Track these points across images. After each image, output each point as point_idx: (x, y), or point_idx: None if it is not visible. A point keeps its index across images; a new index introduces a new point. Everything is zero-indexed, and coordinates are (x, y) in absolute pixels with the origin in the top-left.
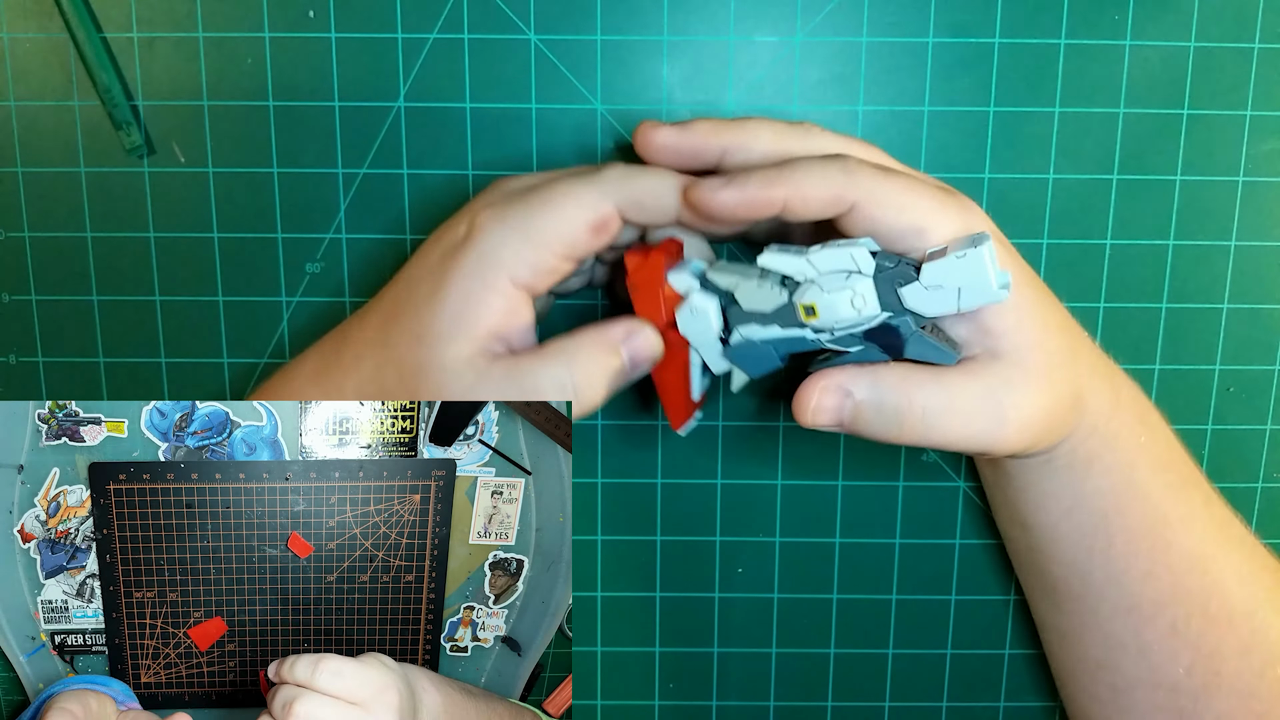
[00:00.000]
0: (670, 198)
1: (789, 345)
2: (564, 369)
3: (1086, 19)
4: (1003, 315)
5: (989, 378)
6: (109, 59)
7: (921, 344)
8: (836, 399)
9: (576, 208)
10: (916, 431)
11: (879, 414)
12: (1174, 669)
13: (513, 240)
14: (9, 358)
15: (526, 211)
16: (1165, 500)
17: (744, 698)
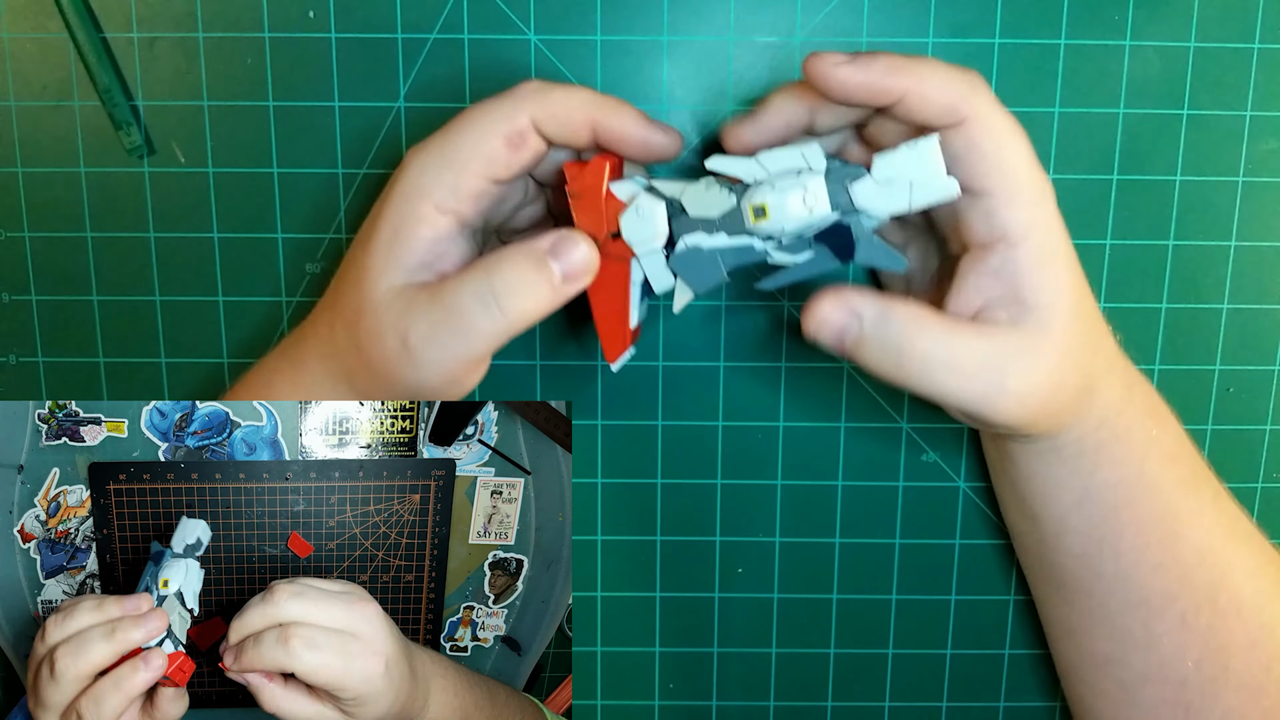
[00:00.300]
0: (584, 109)
1: (736, 256)
2: (485, 281)
3: (1086, 19)
4: (1046, 283)
5: (1001, 342)
6: (109, 59)
7: (872, 246)
8: (844, 318)
9: (489, 123)
10: (912, 375)
11: (881, 347)
12: (1182, 663)
13: (432, 165)
14: (9, 358)
15: (443, 136)
16: (1175, 493)
17: (744, 698)
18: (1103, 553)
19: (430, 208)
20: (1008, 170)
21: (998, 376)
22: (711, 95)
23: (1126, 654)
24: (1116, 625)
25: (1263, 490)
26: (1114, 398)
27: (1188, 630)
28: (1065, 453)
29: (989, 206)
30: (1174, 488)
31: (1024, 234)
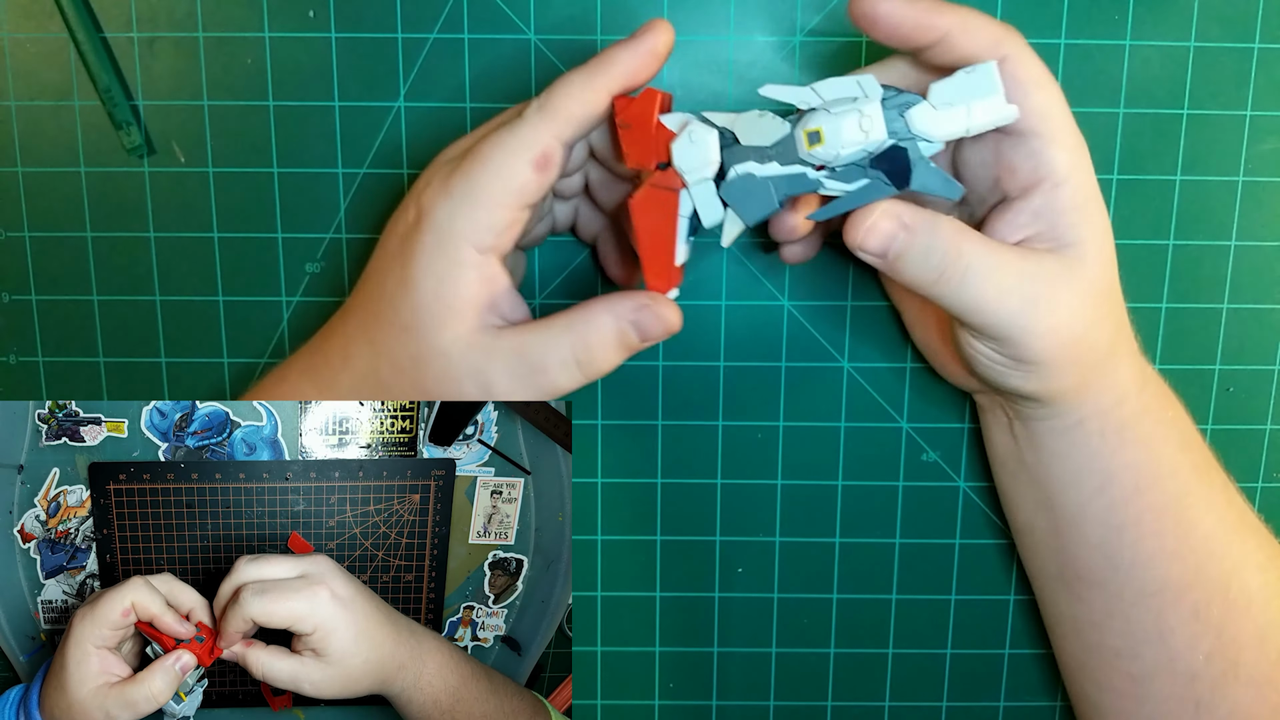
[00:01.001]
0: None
1: (788, 185)
2: (569, 346)
3: (1086, 19)
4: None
5: (1040, 264)
6: (109, 59)
7: (928, 171)
8: (893, 227)
9: (513, 155)
10: (951, 286)
11: (925, 257)
12: (1194, 656)
13: (463, 209)
14: (9, 358)
15: (466, 176)
16: (1190, 479)
17: (744, 698)
18: (1122, 540)
19: (470, 251)
20: (1052, 113)
21: (1034, 296)
22: (711, 95)
23: (1138, 648)
24: (1129, 618)
25: (1263, 490)
26: (1133, 375)
27: (1200, 623)
28: (1090, 428)
29: (1034, 146)
30: (1189, 474)
31: (1067, 175)
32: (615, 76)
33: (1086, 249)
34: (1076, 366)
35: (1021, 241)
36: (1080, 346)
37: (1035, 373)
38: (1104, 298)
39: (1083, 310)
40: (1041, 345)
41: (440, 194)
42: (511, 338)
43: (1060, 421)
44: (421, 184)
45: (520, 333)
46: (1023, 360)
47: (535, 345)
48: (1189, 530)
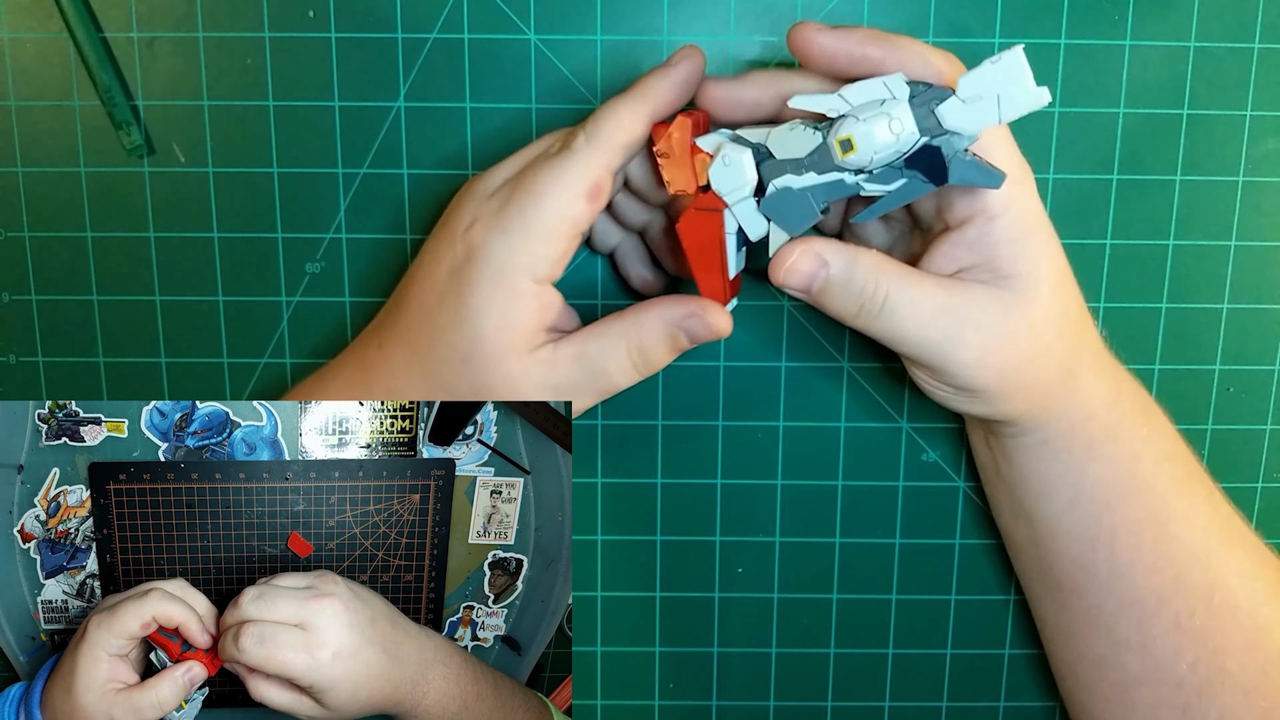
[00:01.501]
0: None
1: (827, 192)
2: (624, 350)
3: (1086, 19)
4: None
5: (964, 294)
6: (109, 59)
7: (965, 165)
8: (813, 265)
9: (567, 187)
10: (871, 318)
11: (845, 291)
12: (1178, 665)
13: (519, 243)
14: (9, 358)
15: (520, 211)
16: (1169, 493)
17: (744, 698)
18: (1096, 554)
19: (528, 282)
20: (990, 144)
21: (956, 326)
22: None
23: (1121, 656)
24: (1111, 627)
25: (1263, 490)
26: (1102, 392)
27: (1182, 632)
28: (1057, 446)
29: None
30: (1167, 488)
31: (1003, 208)
32: (657, 104)
33: (1025, 280)
34: (1023, 392)
35: (958, 273)
36: (1022, 374)
37: (979, 399)
38: (1049, 326)
39: (1019, 339)
40: (971, 375)
41: (494, 229)
42: (571, 346)
43: (1027, 439)
44: (464, 218)
45: (578, 341)
46: (960, 388)
47: (594, 352)
48: (1168, 544)
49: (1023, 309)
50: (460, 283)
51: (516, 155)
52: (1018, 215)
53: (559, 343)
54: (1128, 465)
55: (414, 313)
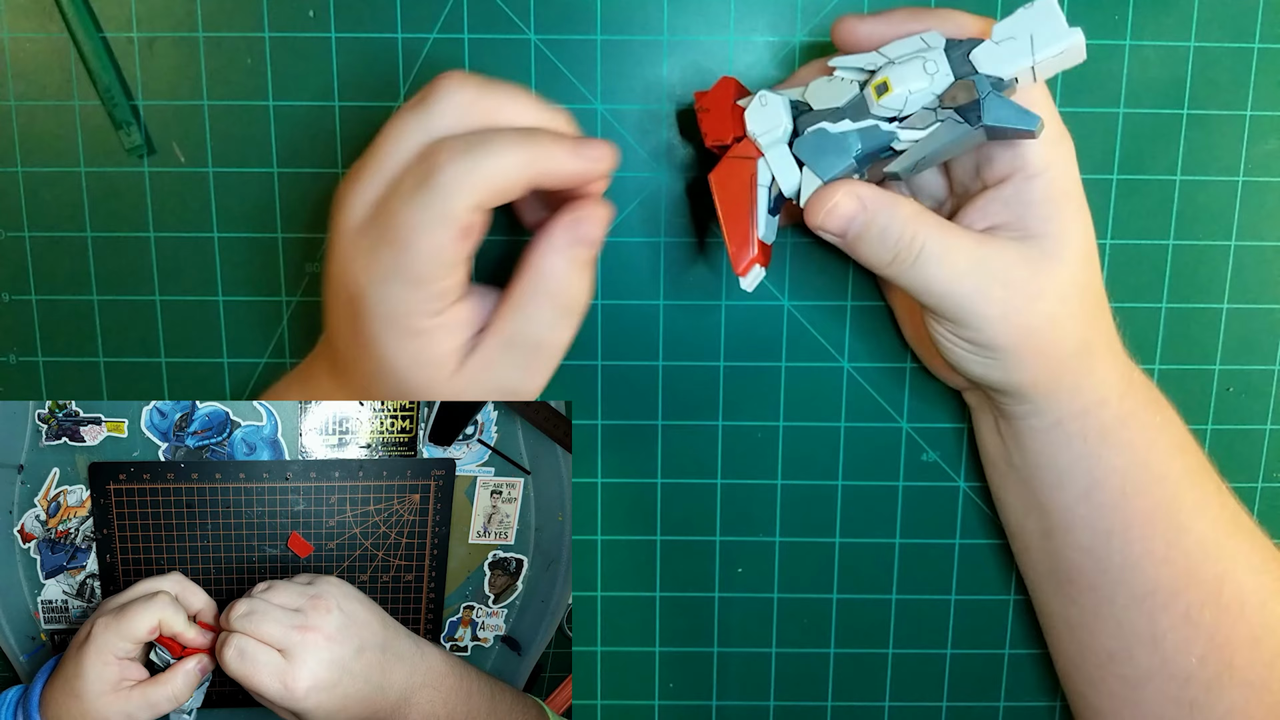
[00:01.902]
0: (519, 180)
1: (862, 138)
2: (547, 307)
3: (1086, 19)
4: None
5: (1003, 252)
6: (109, 59)
7: (1000, 104)
8: (853, 208)
9: (435, 232)
10: (904, 267)
11: (882, 238)
12: (1187, 659)
13: (398, 292)
14: (9, 358)
15: (392, 257)
16: (1181, 484)
17: (744, 698)
18: (1110, 545)
19: (424, 320)
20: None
21: (986, 280)
22: None
23: (1131, 650)
24: (1121, 621)
25: (1263, 490)
26: (1114, 379)
27: (1192, 626)
28: (1070, 430)
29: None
30: (1180, 478)
31: (1042, 168)
32: (548, 175)
33: (1055, 243)
34: (1041, 358)
35: (989, 229)
36: (1042, 338)
37: (997, 360)
38: (1073, 293)
39: (1043, 301)
40: (995, 330)
41: (371, 276)
42: (495, 338)
43: (1039, 420)
44: (342, 250)
45: (499, 328)
46: (981, 345)
47: (520, 329)
48: (1179, 535)
49: (1050, 270)
50: (361, 331)
51: (377, 155)
52: (1055, 177)
53: (483, 343)
54: (1141, 454)
55: (340, 352)
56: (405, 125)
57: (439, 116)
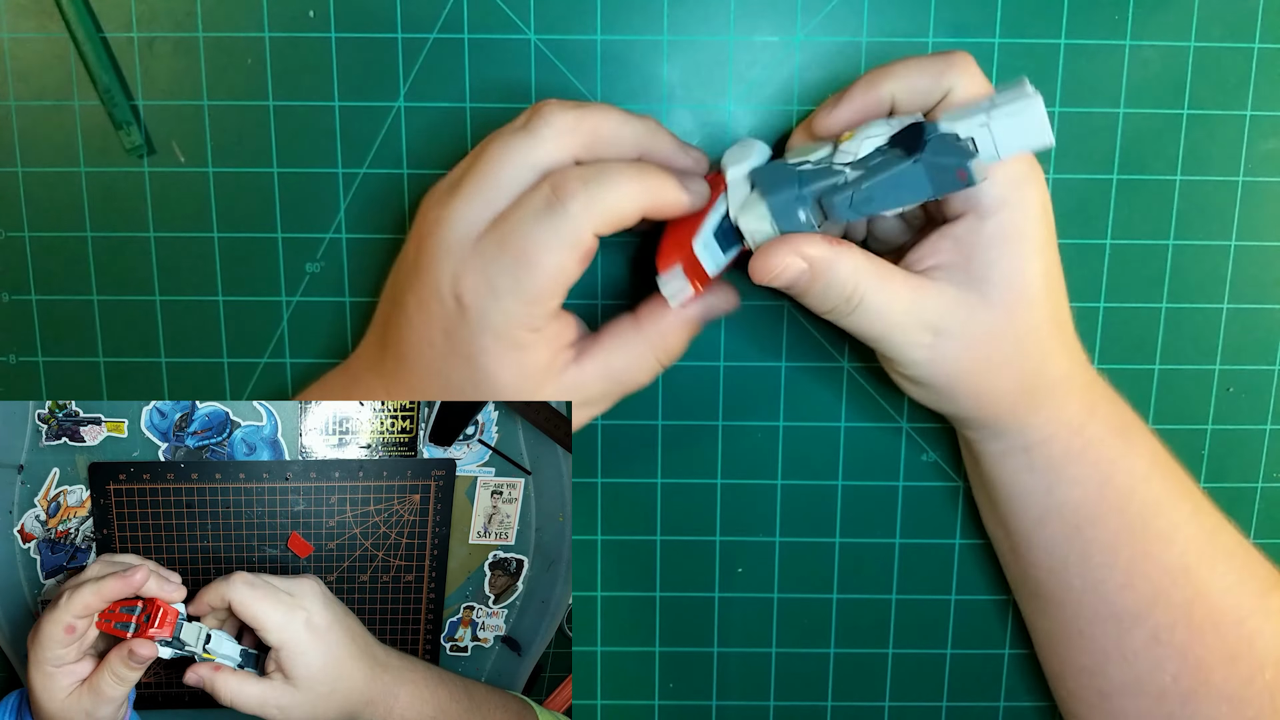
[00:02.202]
0: (634, 202)
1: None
2: (648, 350)
3: (1086, 19)
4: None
5: (936, 298)
6: (109, 59)
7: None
8: (799, 269)
9: (561, 254)
10: (841, 316)
11: (825, 292)
12: (1160, 676)
13: (513, 307)
14: (9, 358)
15: (512, 274)
16: (1144, 515)
17: (744, 698)
18: (1069, 569)
19: (530, 335)
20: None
21: (917, 327)
22: (711, 95)
23: (1103, 666)
24: (1092, 637)
25: (1263, 490)
26: (1068, 415)
27: (1161, 646)
28: (1019, 461)
29: None
30: (1141, 509)
31: (996, 208)
32: (660, 207)
33: (996, 289)
34: (975, 398)
35: (934, 267)
36: (975, 380)
37: (930, 392)
38: (1012, 338)
39: (976, 347)
40: (924, 372)
41: (485, 292)
42: (594, 364)
43: (991, 446)
44: (444, 268)
45: (601, 355)
46: (915, 381)
47: (620, 363)
48: (1143, 562)
49: (986, 318)
50: (463, 346)
51: (487, 179)
52: (1009, 220)
53: (580, 361)
54: (1095, 489)
55: (420, 371)
56: (512, 150)
57: (546, 143)
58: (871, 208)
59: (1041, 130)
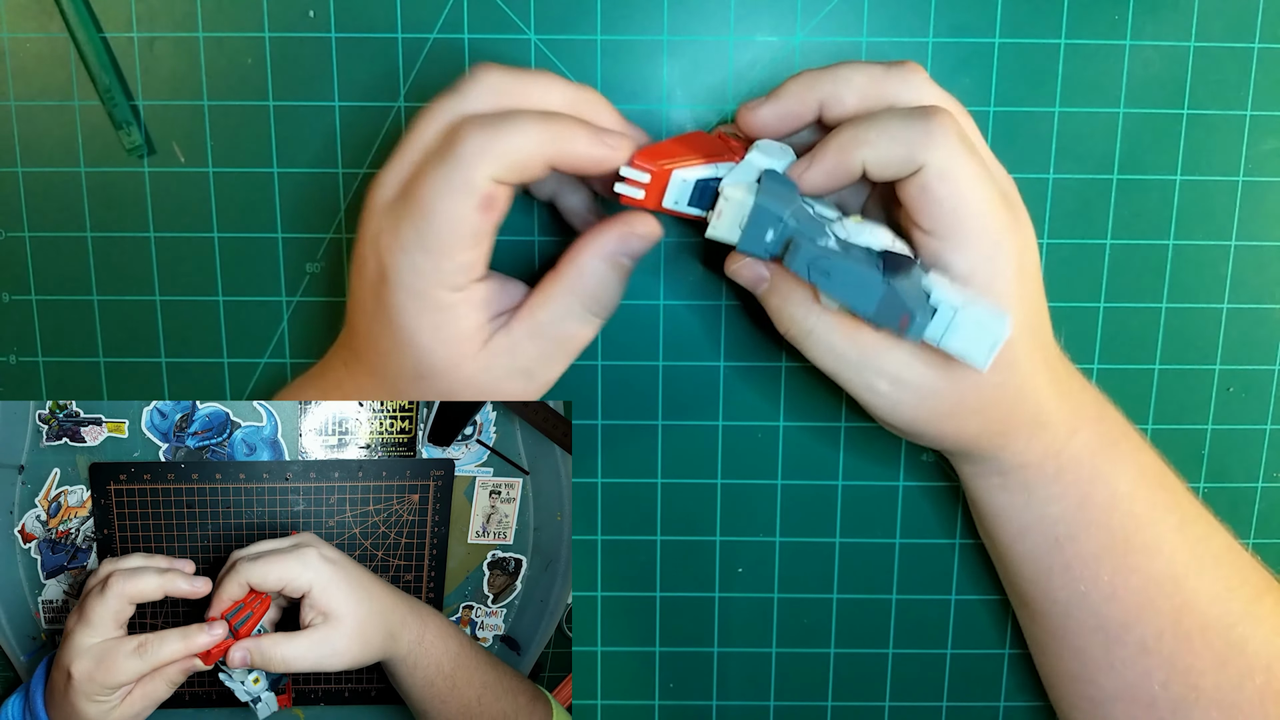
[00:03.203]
0: (536, 148)
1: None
2: (578, 303)
3: (1086, 19)
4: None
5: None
6: (109, 59)
7: (915, 289)
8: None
9: (455, 201)
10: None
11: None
12: (1149, 684)
13: (421, 261)
14: (9, 358)
15: (413, 226)
16: (1126, 529)
17: (744, 698)
18: (1051, 581)
19: (446, 294)
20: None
21: (873, 375)
22: (711, 95)
23: (1093, 675)
24: (1079, 648)
25: (1263, 490)
26: (1042, 445)
27: (1149, 655)
28: (993, 483)
29: (934, 248)
30: (1123, 523)
31: (965, 278)
32: (563, 152)
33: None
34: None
35: None
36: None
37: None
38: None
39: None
40: (883, 417)
41: (395, 248)
42: (523, 325)
43: (964, 468)
44: (369, 228)
45: (528, 315)
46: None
47: (548, 320)
48: (1128, 575)
49: (949, 378)
50: (384, 306)
51: (412, 136)
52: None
53: (509, 325)
54: (1073, 506)
55: (360, 334)
56: (436, 110)
57: (470, 101)
58: (822, 282)
59: (984, 351)
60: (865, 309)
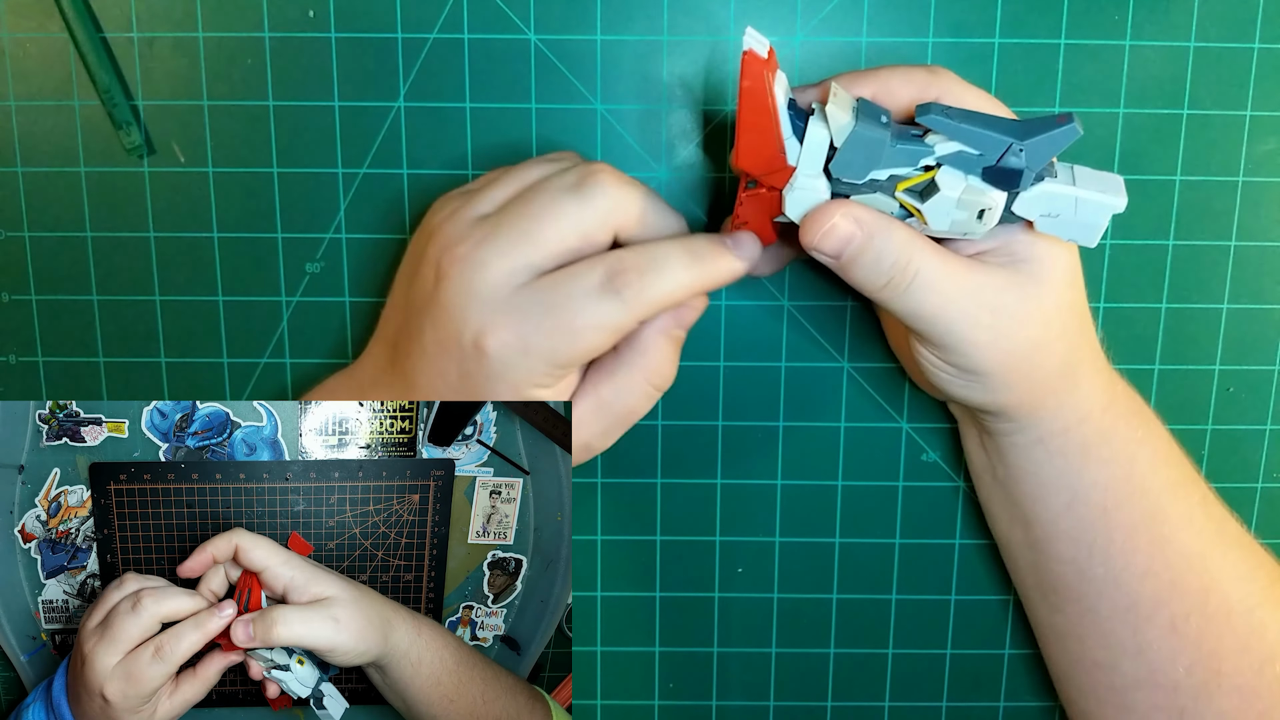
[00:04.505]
0: (687, 291)
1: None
2: (642, 380)
3: (1086, 19)
4: (1040, 239)
5: (992, 278)
6: (109, 59)
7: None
8: (850, 229)
9: (602, 336)
10: (897, 292)
11: (876, 261)
12: (1173, 668)
13: (540, 368)
14: (9, 358)
15: (552, 343)
16: (1164, 497)
17: (744, 698)
18: (1093, 557)
19: (536, 390)
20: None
21: (975, 306)
22: (711, 95)
23: (1117, 660)
24: (1106, 631)
25: (1263, 490)
26: (1097, 395)
27: (1177, 636)
28: (1051, 447)
29: None
30: (1162, 491)
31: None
32: (714, 281)
33: (1040, 266)
34: (1025, 381)
35: (977, 255)
36: (1027, 362)
37: (981, 384)
38: (1058, 316)
39: (1030, 326)
40: (982, 356)
41: (516, 348)
42: (588, 400)
43: (1021, 437)
44: (469, 318)
45: (592, 391)
46: (966, 370)
47: (611, 396)
48: (1163, 547)
49: (1037, 295)
50: (476, 388)
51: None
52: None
53: (576, 403)
54: (1123, 468)
55: (426, 382)
56: (562, 209)
57: (597, 210)
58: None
59: (1095, 230)
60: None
